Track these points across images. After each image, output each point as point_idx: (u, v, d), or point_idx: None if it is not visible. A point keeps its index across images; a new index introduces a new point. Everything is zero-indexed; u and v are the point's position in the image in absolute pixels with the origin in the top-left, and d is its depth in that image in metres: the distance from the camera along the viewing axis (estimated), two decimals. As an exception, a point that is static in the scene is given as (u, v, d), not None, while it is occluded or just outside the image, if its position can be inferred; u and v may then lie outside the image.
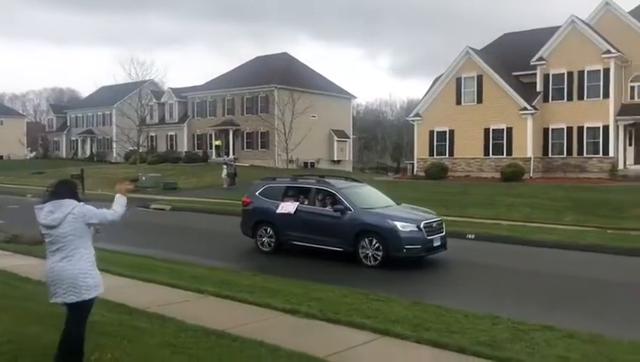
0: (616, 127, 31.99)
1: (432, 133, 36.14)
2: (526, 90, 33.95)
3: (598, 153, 32.13)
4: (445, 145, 35.57)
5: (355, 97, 58.98)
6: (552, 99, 33.51)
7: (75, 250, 4.92)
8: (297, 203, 13.33)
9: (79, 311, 4.98)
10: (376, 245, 12.03)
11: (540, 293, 10.29)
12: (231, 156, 46.90)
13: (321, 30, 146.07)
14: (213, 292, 8.86)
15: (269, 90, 48.79)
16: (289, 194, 13.84)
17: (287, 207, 13.35)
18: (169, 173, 39.79)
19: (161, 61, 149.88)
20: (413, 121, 37.52)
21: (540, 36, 34.43)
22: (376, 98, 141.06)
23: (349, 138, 55.88)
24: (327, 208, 12.92)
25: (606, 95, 31.74)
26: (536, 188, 26.89)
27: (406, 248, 11.84)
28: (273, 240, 13.67)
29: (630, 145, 32.59)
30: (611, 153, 31.78)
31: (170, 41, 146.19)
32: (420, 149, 37.04)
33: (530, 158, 32.54)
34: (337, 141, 53.52)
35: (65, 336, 5.02)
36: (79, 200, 5.08)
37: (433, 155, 35.99)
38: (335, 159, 53.15)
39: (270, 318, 7.64)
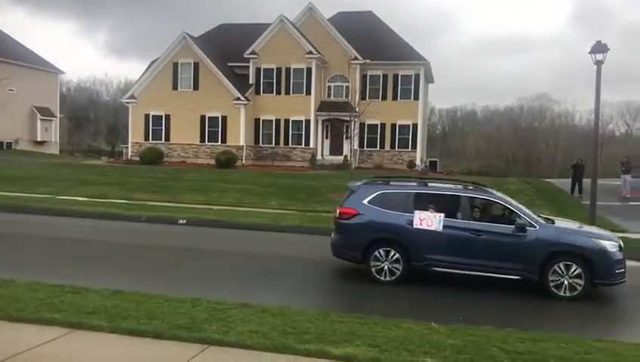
0: (316, 122, 35.89)
1: (147, 116, 35.23)
2: (240, 81, 35.59)
3: (301, 144, 35.62)
4: (161, 129, 35.09)
5: (63, 72, 53.62)
6: (263, 92, 35.82)
7: None
8: (441, 215, 10.03)
9: None
10: (577, 271, 9.61)
11: (244, 272, 10.89)
12: None
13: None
14: None
15: (-50, 54, 41.10)
16: (420, 203, 10.33)
17: (430, 220, 10.05)
18: None
19: None
20: (128, 103, 36.02)
21: (255, 31, 36.44)
22: (89, 75, 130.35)
23: (56, 117, 50.71)
24: (496, 223, 10.02)
25: (308, 92, 35.30)
26: (247, 175, 28.47)
27: (616, 273, 9.72)
28: (399, 265, 10.19)
29: (327, 138, 36.94)
30: (312, 144, 35.54)
31: None
32: (135, 133, 35.79)
33: (243, 146, 34.30)
34: (41, 120, 48.07)
35: None
36: None
37: (149, 140, 35.15)
38: (38, 140, 47.73)
39: None
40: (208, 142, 34.62)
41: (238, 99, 33.99)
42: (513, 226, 9.87)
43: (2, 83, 38.77)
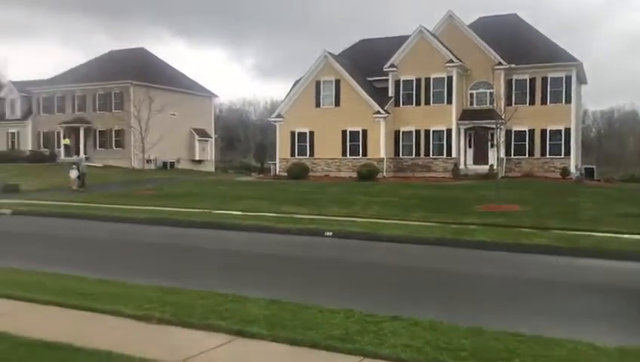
0: (458, 131, 34.98)
1: (293, 133, 36.82)
2: (380, 94, 35.89)
3: (443, 154, 34.91)
4: (306, 145, 36.44)
5: (216, 96, 58.17)
6: (402, 104, 35.76)
7: None
8: None
9: None
10: None
11: (391, 285, 10.90)
12: (81, 155, 43.86)
13: (183, 29, 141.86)
14: (54, 301, 8.22)
15: (123, 86, 46.41)
16: None
17: None
18: (12, 174, 36.25)
19: (2, 52, 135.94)
20: (275, 121, 37.94)
21: (393, 44, 36.59)
22: (239, 98, 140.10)
23: (211, 137, 55.00)
24: None
25: (449, 101, 34.56)
26: (388, 187, 28.53)
27: None
28: None
29: (470, 147, 35.82)
30: (454, 154, 34.68)
31: (18, 32, 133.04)
32: (282, 149, 37.56)
33: (384, 159, 34.46)
34: (199, 140, 52.41)
35: None
36: None
37: (295, 156, 36.68)
38: (196, 159, 52.02)
39: (120, 327, 7.26)
40: (350, 155, 35.29)
41: (378, 112, 34.29)
42: None
43: (166, 108, 42.93)
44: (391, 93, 35.97)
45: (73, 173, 31.89)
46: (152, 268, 12.45)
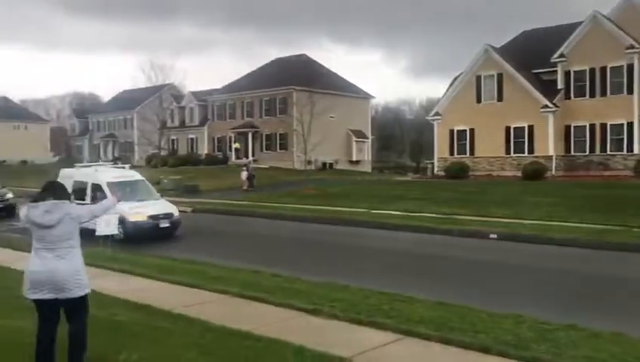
0: (640, 124, 31.45)
1: (452, 132, 35.94)
2: (546, 87, 33.57)
3: (622, 150, 31.63)
4: (466, 144, 35.35)
5: (373, 97, 58.89)
6: (573, 96, 33.08)
7: (70, 249, 5.09)
8: None
9: (82, 306, 5.17)
10: None
11: (565, 292, 10.17)
12: (250, 158, 47.13)
13: (341, 34, 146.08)
14: (236, 292, 8.94)
15: (287, 91, 48.95)
16: None
17: None
18: (190, 176, 40.13)
19: (183, 65, 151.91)
20: (433, 120, 37.36)
21: (560, 33, 34.03)
22: (394, 97, 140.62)
23: (368, 138, 55.80)
24: None
25: (630, 91, 31.24)
26: (558, 187, 26.57)
27: None
28: None
29: (655, 141, 31.99)
30: (636, 150, 31.25)
31: (194, 47, 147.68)
32: (440, 148, 36.86)
33: (552, 156, 32.17)
34: (356, 141, 53.48)
35: (70, 335, 5.14)
36: (70, 200, 5.43)
37: (453, 154, 35.78)
38: (354, 159, 53.13)
39: (292, 319, 7.69)
40: (514, 153, 33.50)
41: (546, 106, 32.11)
42: None
43: (325, 111, 44.48)
44: (560, 85, 33.45)
45: (243, 175, 34.39)
46: (317, 264, 12.97)
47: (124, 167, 20.48)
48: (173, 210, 17.75)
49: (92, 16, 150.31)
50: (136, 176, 19.03)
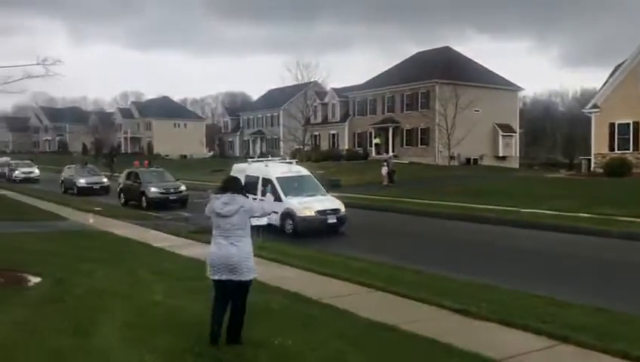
0: None
1: (612, 125, 32.85)
2: None
3: None
4: (628, 138, 32.10)
5: (522, 89, 55.71)
6: None
7: (242, 237, 5.77)
8: None
9: (246, 288, 5.82)
10: None
11: None
12: (390, 153, 47.09)
13: (487, 24, 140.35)
14: (381, 287, 9.01)
15: (430, 85, 48.11)
16: None
17: None
18: (331, 171, 41.10)
19: (326, 63, 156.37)
20: (590, 112, 34.43)
21: None
22: (545, 89, 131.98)
23: (515, 132, 52.95)
24: None
25: None
26: None
27: None
28: None
29: None
30: None
31: (335, 45, 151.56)
32: (598, 143, 33.85)
33: None
34: (502, 136, 51.03)
35: (232, 312, 5.82)
36: (246, 196, 6.08)
37: (614, 150, 32.68)
38: (500, 155, 50.77)
39: (439, 317, 7.57)
40: (689, 149, 29.79)
41: None
42: None
43: (470, 105, 43.02)
44: None
45: (384, 170, 34.44)
46: (461, 262, 12.62)
47: (291, 163, 20.51)
48: (340, 205, 17.48)
49: (241, 20, 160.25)
50: (302, 171, 19.11)
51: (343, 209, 17.33)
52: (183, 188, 25.74)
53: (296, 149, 55.38)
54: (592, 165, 34.26)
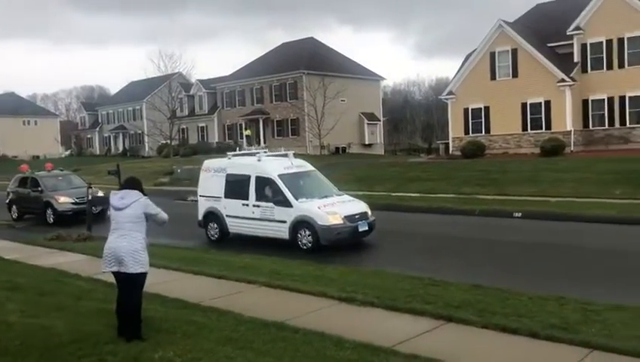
0: (662, 95, 30.69)
1: (466, 110, 35.31)
2: (563, 61, 32.80)
3: (643, 123, 30.94)
4: (481, 122, 34.72)
5: (383, 78, 58.14)
6: (590, 69, 32.32)
7: (133, 231, 5.90)
8: None
9: (135, 281, 5.87)
10: None
11: (604, 271, 9.83)
12: (262, 145, 46.80)
13: (349, 16, 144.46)
14: (265, 282, 8.69)
15: (297, 75, 48.45)
16: None
17: None
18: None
19: (193, 54, 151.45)
20: (447, 99, 36.72)
21: (574, 4, 33.13)
22: (403, 78, 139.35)
23: (380, 120, 55.20)
24: None
25: (649, 61, 30.46)
26: (578, 162, 26.00)
27: None
28: None
29: (677, 112, 31.26)
30: (657, 122, 30.58)
31: (201, 36, 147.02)
32: (455, 128, 36.25)
33: (571, 131, 31.51)
34: (368, 124, 52.92)
35: (123, 304, 5.91)
36: (145, 194, 6.20)
37: (469, 133, 35.18)
38: (366, 143, 52.63)
39: (326, 307, 7.42)
40: (531, 130, 32.84)
41: (563, 80, 31.40)
42: None
43: (337, 95, 43.95)
44: (576, 58, 32.67)
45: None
46: (328, 250, 12.67)
47: (286, 155, 15.48)
48: (366, 208, 13.64)
49: (98, 10, 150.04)
50: (307, 166, 15.02)
51: (369, 212, 13.56)
52: (100, 194, 19.82)
53: (163, 144, 53.09)
54: (451, 148, 36.62)
